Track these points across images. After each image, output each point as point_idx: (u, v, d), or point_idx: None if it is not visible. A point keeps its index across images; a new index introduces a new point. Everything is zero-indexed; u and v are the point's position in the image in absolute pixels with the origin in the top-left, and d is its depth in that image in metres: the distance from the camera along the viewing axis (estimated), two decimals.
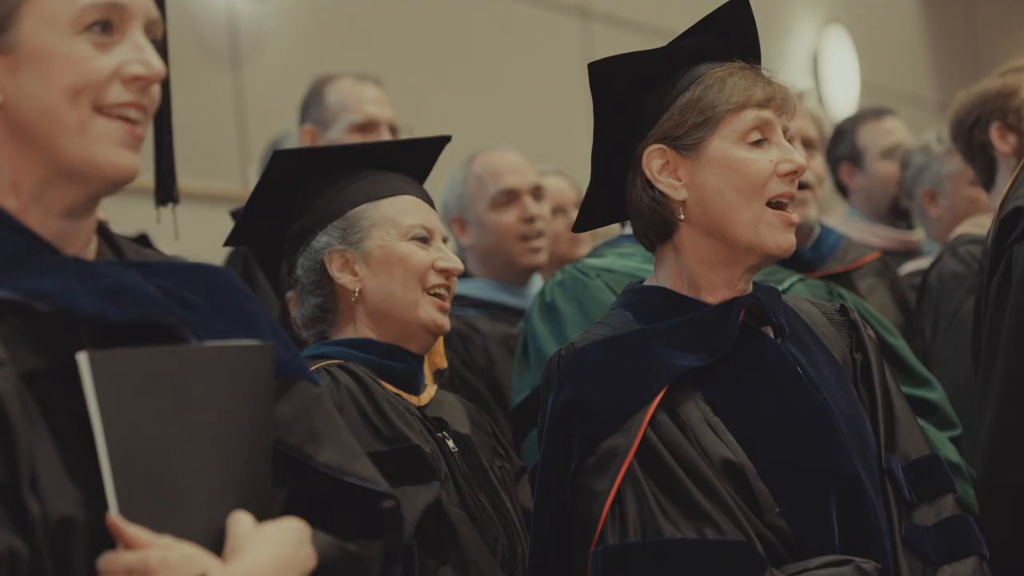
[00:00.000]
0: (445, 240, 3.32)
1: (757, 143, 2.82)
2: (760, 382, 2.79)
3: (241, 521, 2.04)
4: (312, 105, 5.06)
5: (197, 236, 2.48)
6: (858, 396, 2.88)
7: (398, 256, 3.22)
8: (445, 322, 3.25)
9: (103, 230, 2.23)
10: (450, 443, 3.18)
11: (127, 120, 2.09)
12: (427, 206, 3.31)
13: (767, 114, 2.83)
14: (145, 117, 2.11)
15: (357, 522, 2.25)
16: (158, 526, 1.97)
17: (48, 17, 2.06)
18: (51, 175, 2.08)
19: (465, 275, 4.68)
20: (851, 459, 2.73)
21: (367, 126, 4.92)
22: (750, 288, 2.88)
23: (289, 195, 3.30)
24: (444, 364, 3.39)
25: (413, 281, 3.21)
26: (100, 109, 2.07)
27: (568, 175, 5.59)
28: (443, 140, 3.45)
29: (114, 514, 1.94)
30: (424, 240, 3.25)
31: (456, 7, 8.56)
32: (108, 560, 1.95)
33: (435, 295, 3.23)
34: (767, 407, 2.76)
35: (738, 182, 2.79)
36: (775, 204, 2.81)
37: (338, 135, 4.89)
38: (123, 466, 1.96)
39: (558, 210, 5.37)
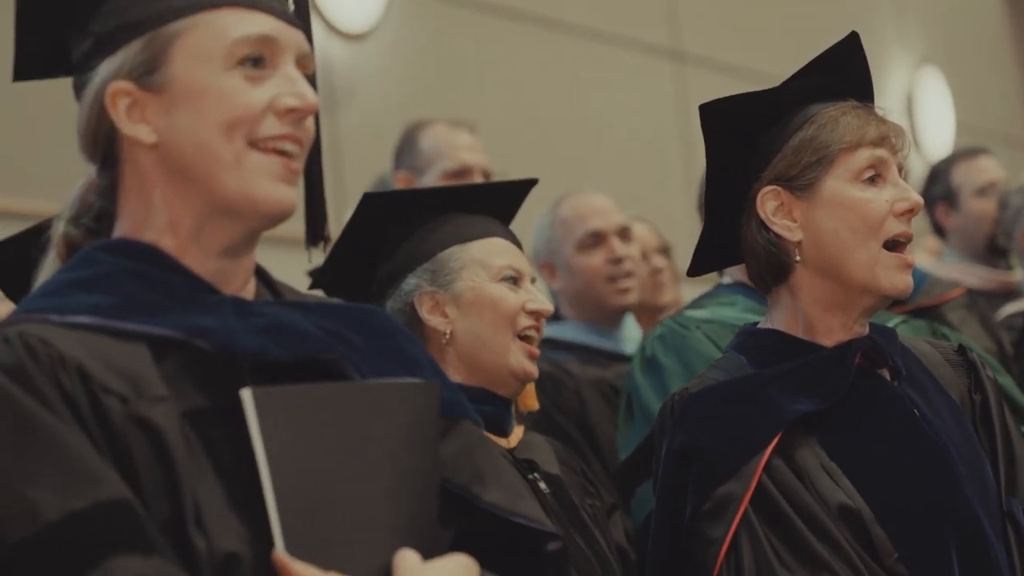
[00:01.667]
0: (533, 281, 3.32)
1: (871, 182, 2.79)
2: (877, 425, 2.75)
3: (408, 558, 2.02)
4: (406, 151, 5.08)
5: (293, 280, 2.48)
6: (977, 438, 2.83)
7: (488, 298, 3.22)
8: (534, 370, 3.24)
9: (260, 272, 2.23)
10: (542, 484, 3.17)
11: (282, 153, 2.08)
12: (515, 248, 3.32)
13: (881, 152, 2.80)
14: (300, 151, 2.11)
15: (522, 563, 2.22)
16: (324, 563, 1.95)
17: (199, 53, 2.07)
18: (208, 213, 2.08)
19: (557, 318, 4.69)
20: (971, 503, 2.69)
21: (461, 173, 4.92)
22: (866, 330, 2.85)
23: (377, 237, 3.31)
24: (536, 406, 3.38)
25: (504, 324, 3.21)
26: (255, 143, 2.06)
27: (650, 221, 5.57)
28: (529, 183, 3.45)
29: (280, 551, 1.93)
30: (514, 281, 3.25)
31: (550, 51, 8.57)
32: None
33: (524, 338, 3.22)
34: (884, 451, 2.73)
35: (854, 222, 2.76)
36: (890, 244, 2.78)
37: (432, 181, 4.89)
38: (288, 502, 1.94)
39: (641, 257, 5.34)
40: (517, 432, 3.27)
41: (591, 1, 8.97)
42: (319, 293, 3.31)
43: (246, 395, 1.95)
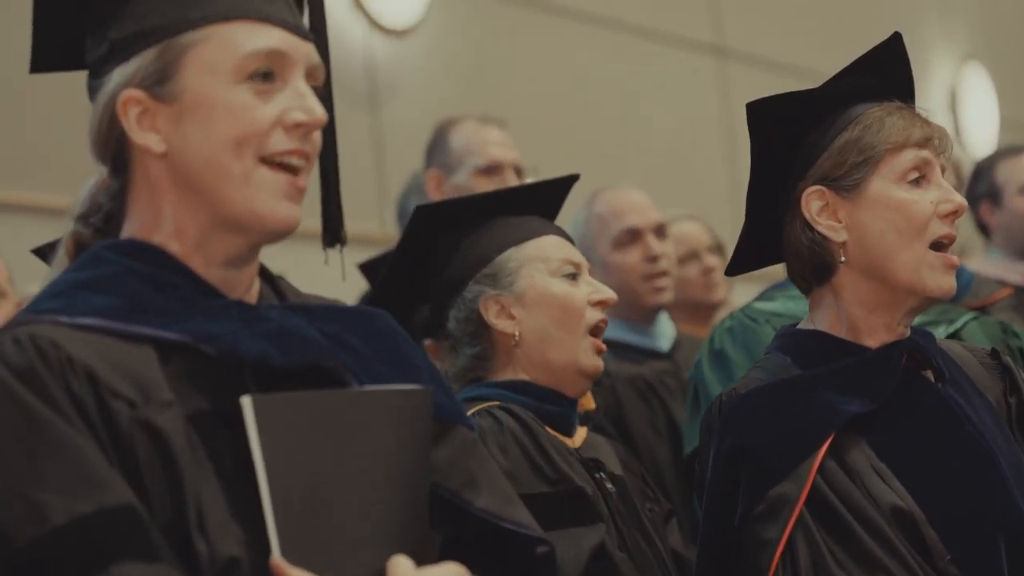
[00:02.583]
0: (590, 271, 3.32)
1: (916, 183, 2.79)
2: (924, 427, 2.75)
3: (401, 565, 2.05)
4: (436, 149, 5.07)
5: (334, 277, 2.50)
6: (1015, 440, 2.82)
7: (552, 295, 3.21)
8: (601, 366, 3.25)
9: (265, 273, 2.25)
10: (608, 485, 3.16)
11: (289, 168, 2.10)
12: (568, 243, 3.32)
13: (926, 154, 2.80)
14: (307, 164, 2.13)
15: (512, 568, 2.25)
16: (320, 568, 1.98)
17: (210, 66, 2.09)
18: (212, 224, 2.11)
19: None
20: (1018, 504, 2.69)
21: (492, 169, 4.91)
22: (908, 331, 2.84)
23: (428, 248, 3.32)
24: (593, 406, 3.38)
25: (573, 322, 3.21)
26: (263, 159, 2.08)
27: (702, 220, 5.55)
28: (572, 179, 3.45)
29: (276, 556, 1.96)
30: (573, 276, 3.24)
31: (593, 47, 8.57)
32: None
33: (593, 332, 3.22)
34: (932, 452, 2.73)
35: (899, 223, 2.76)
36: (936, 245, 2.78)
37: (463, 179, 4.90)
38: (285, 508, 1.98)
39: (692, 255, 5.35)
40: (581, 432, 3.27)
41: None
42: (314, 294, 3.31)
43: (246, 402, 1.98)
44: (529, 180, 4.81)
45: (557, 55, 8.38)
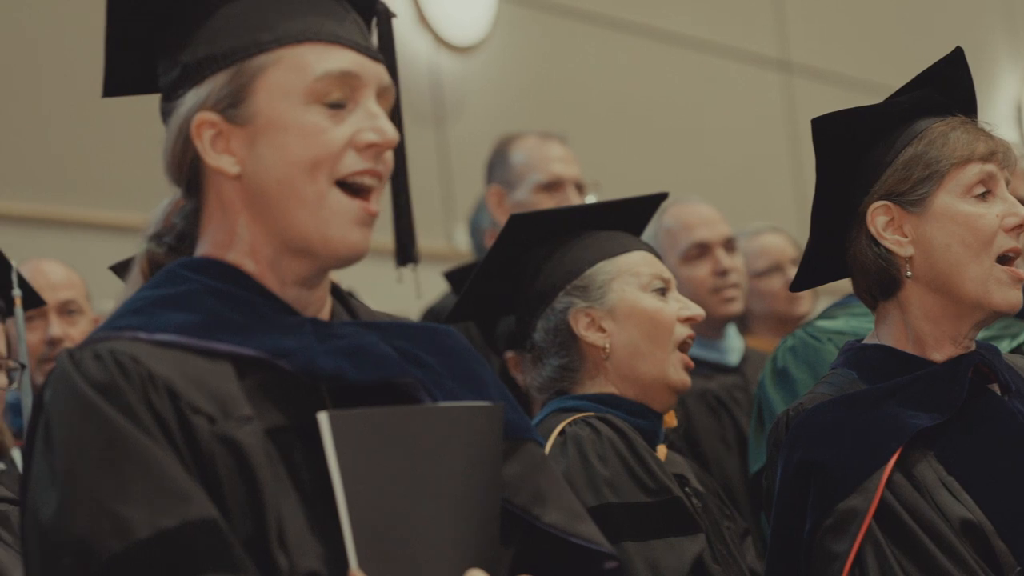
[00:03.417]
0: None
1: (981, 197, 2.79)
2: (992, 439, 2.75)
3: None
4: (497, 165, 5.07)
5: (402, 294, 2.52)
6: None
7: (643, 310, 3.22)
8: (689, 381, 3.26)
9: (336, 291, 2.27)
10: (694, 500, 3.17)
11: (362, 188, 2.11)
12: (657, 259, 3.33)
13: (991, 167, 2.81)
14: (380, 184, 2.14)
15: None
16: None
17: (282, 88, 2.10)
18: (283, 247, 2.13)
19: None
20: None
21: (553, 185, 4.91)
22: (973, 345, 2.85)
23: (517, 259, 3.33)
24: (675, 423, 3.38)
25: (663, 337, 3.22)
26: (337, 181, 2.10)
27: (785, 232, 5.54)
28: (660, 197, 3.47)
29: (355, 569, 1.97)
30: (662, 292, 3.25)
31: (659, 62, 8.58)
32: None
33: (682, 349, 3.23)
34: (1000, 465, 2.73)
35: (966, 237, 2.77)
36: (1002, 259, 2.78)
37: (525, 195, 4.90)
38: (362, 523, 1.99)
39: (775, 268, 5.32)
40: (662, 449, 3.27)
41: (698, 12, 8.97)
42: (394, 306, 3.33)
43: (323, 418, 1.99)
44: (590, 196, 4.83)
45: (622, 70, 8.40)
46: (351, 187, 2.11)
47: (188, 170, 2.17)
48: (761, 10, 9.41)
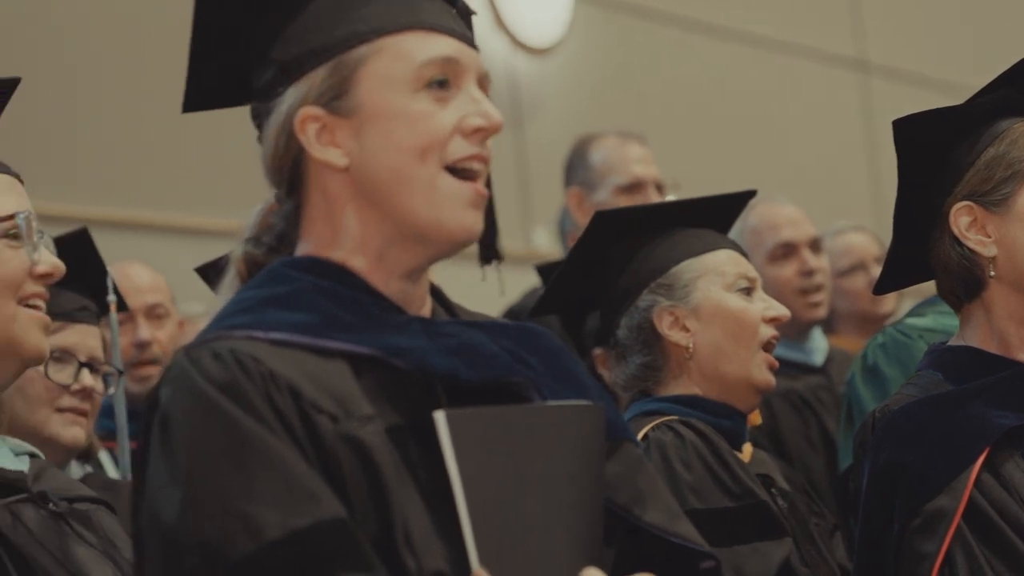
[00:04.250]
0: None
1: None
2: None
3: None
4: (576, 166, 5.06)
5: (480, 294, 2.53)
6: None
7: (727, 310, 3.21)
8: (773, 381, 3.25)
9: (435, 290, 2.26)
10: (780, 501, 3.17)
11: (470, 173, 2.11)
12: (743, 258, 3.32)
13: None
14: (485, 169, 2.14)
15: None
16: None
17: (386, 77, 2.10)
18: (395, 236, 2.11)
19: None
20: None
21: (633, 187, 4.89)
22: None
23: (602, 254, 3.33)
24: (759, 421, 3.37)
25: (747, 336, 3.21)
26: (447, 166, 2.09)
27: (870, 230, 5.52)
28: (748, 195, 3.48)
29: (477, 568, 1.96)
30: (748, 291, 3.25)
31: (735, 62, 8.57)
32: None
33: (766, 349, 3.22)
34: None
35: None
36: None
37: (605, 197, 4.88)
38: (481, 522, 1.98)
39: (859, 267, 5.30)
40: (747, 448, 3.26)
41: (774, 12, 8.95)
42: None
43: (440, 417, 1.98)
44: (670, 196, 4.83)
45: (699, 71, 8.40)
46: (459, 172, 2.10)
47: (290, 168, 2.16)
48: (837, 9, 9.38)
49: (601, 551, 2.12)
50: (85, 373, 3.36)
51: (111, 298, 3.51)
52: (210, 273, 3.92)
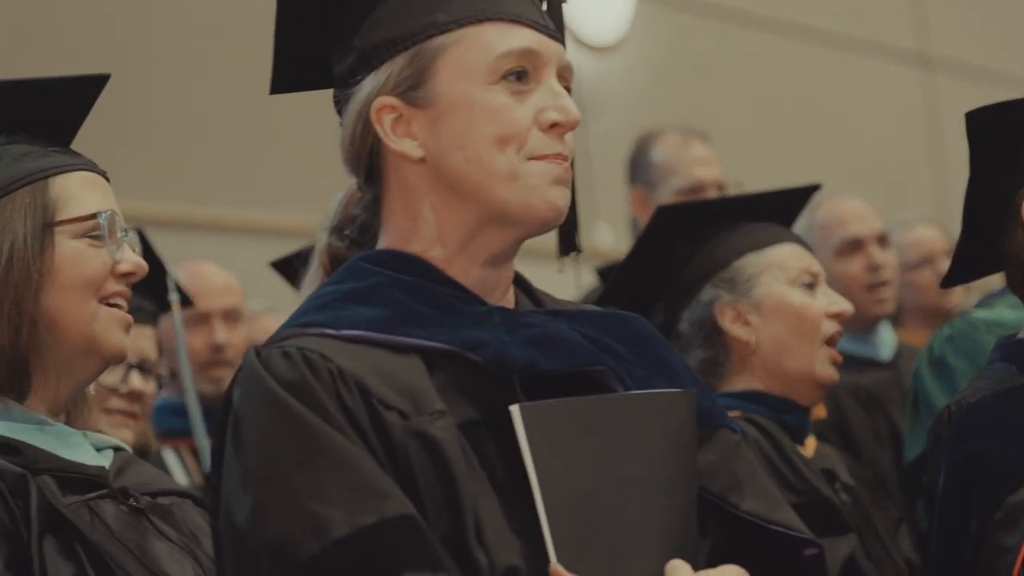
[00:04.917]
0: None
1: None
2: None
3: (680, 569, 2.01)
4: (639, 165, 5.04)
5: (556, 289, 2.53)
6: None
7: (790, 305, 3.21)
8: (836, 376, 3.24)
9: (520, 280, 2.23)
10: (843, 495, 3.16)
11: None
12: (807, 252, 3.31)
13: None
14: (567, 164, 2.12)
15: (782, 571, 2.20)
16: (597, 574, 1.97)
17: (464, 68, 2.09)
18: (479, 223, 2.10)
19: None
20: None
21: (695, 190, 4.86)
22: None
23: (665, 248, 3.32)
24: (824, 414, 3.36)
25: (809, 331, 3.20)
26: (528, 158, 2.07)
27: (938, 224, 5.49)
28: (812, 188, 3.47)
29: (554, 563, 1.95)
30: (811, 286, 3.24)
31: (796, 58, 8.54)
32: None
33: (829, 343, 3.21)
34: None
35: None
36: None
37: (665, 198, 4.81)
38: (560, 516, 1.97)
39: (927, 260, 5.27)
40: (811, 442, 3.26)
41: (836, 7, 8.91)
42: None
43: (515, 411, 1.97)
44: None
45: (761, 68, 8.37)
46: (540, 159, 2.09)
47: (367, 157, 2.15)
48: (900, 4, 9.32)
49: (694, 542, 2.10)
50: (134, 375, 3.37)
51: (173, 296, 3.51)
52: (286, 268, 3.94)
